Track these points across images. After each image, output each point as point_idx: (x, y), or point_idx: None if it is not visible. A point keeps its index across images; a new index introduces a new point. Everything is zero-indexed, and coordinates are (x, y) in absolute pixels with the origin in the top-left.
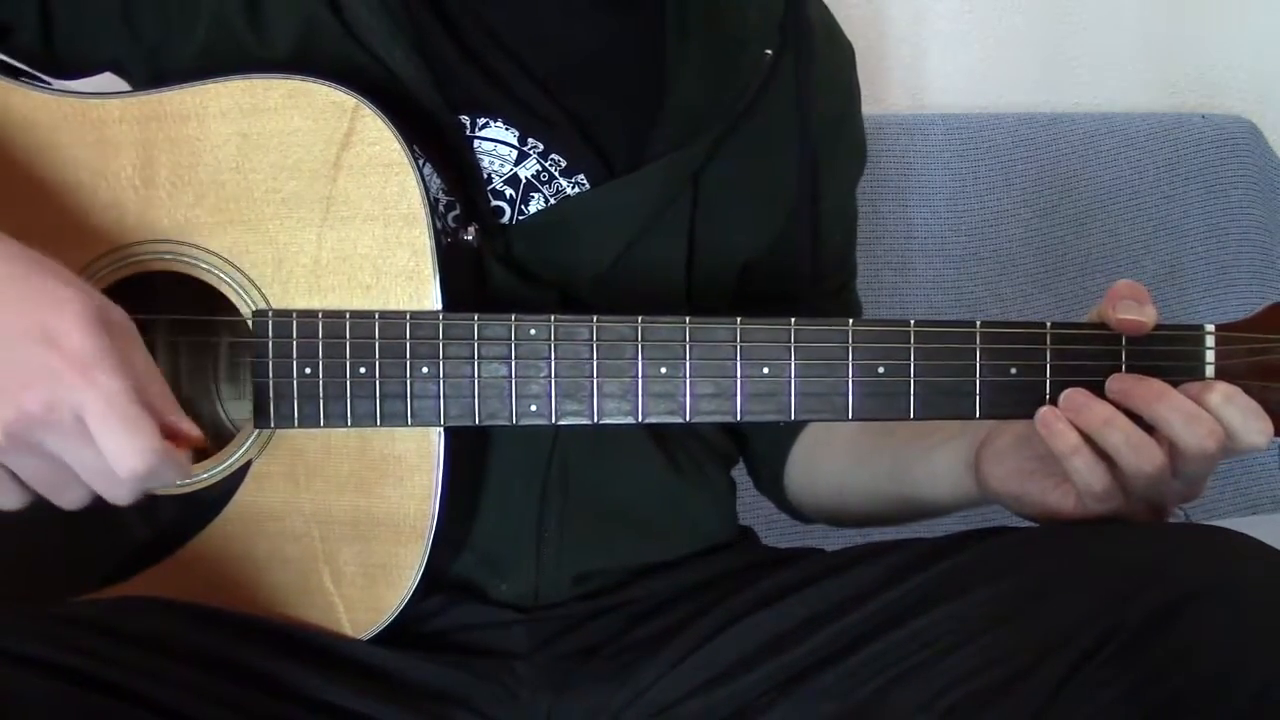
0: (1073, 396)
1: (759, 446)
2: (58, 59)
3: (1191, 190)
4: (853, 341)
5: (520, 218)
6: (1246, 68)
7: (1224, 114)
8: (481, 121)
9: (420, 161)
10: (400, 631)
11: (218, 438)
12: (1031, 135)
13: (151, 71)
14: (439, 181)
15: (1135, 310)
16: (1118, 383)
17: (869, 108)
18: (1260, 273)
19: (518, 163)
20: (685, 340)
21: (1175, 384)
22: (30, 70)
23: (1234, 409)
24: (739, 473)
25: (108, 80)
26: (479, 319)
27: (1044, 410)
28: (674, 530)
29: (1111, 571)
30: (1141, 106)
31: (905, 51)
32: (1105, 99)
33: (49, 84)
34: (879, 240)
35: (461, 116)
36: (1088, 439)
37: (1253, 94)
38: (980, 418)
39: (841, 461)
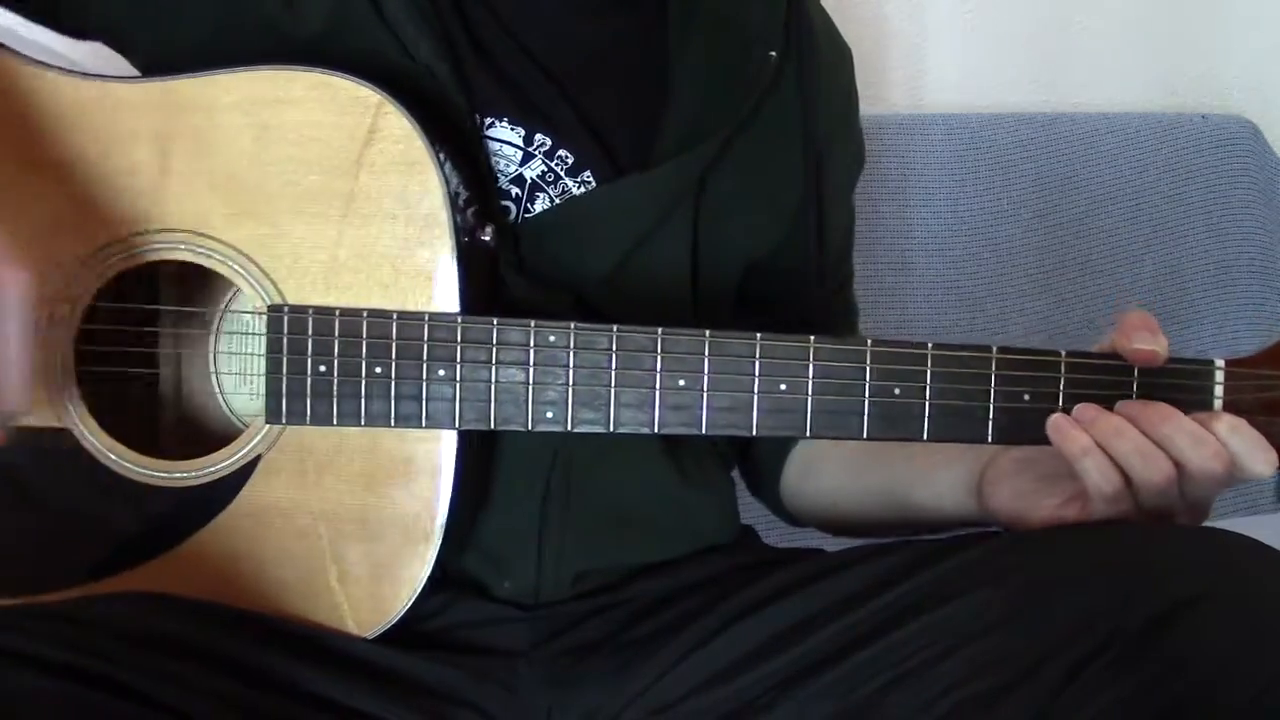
0: (1085, 409)
1: (758, 452)
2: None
3: (1192, 190)
4: (870, 362)
5: (527, 215)
6: (1246, 68)
7: (1224, 114)
8: (488, 121)
9: (441, 158)
10: (401, 629)
11: (222, 432)
12: (1031, 135)
13: (152, 37)
14: (458, 177)
15: (1149, 341)
16: (1126, 407)
17: (869, 107)
18: (1261, 273)
19: (523, 163)
20: (704, 354)
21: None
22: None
23: (1240, 438)
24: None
25: (97, 50)
26: (498, 323)
27: (1056, 416)
28: (677, 531)
29: (1112, 573)
30: (1141, 106)
31: (905, 51)
32: (1105, 99)
33: (71, 67)
34: (879, 240)
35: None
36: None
37: (1253, 94)
38: (992, 442)
39: (838, 474)
